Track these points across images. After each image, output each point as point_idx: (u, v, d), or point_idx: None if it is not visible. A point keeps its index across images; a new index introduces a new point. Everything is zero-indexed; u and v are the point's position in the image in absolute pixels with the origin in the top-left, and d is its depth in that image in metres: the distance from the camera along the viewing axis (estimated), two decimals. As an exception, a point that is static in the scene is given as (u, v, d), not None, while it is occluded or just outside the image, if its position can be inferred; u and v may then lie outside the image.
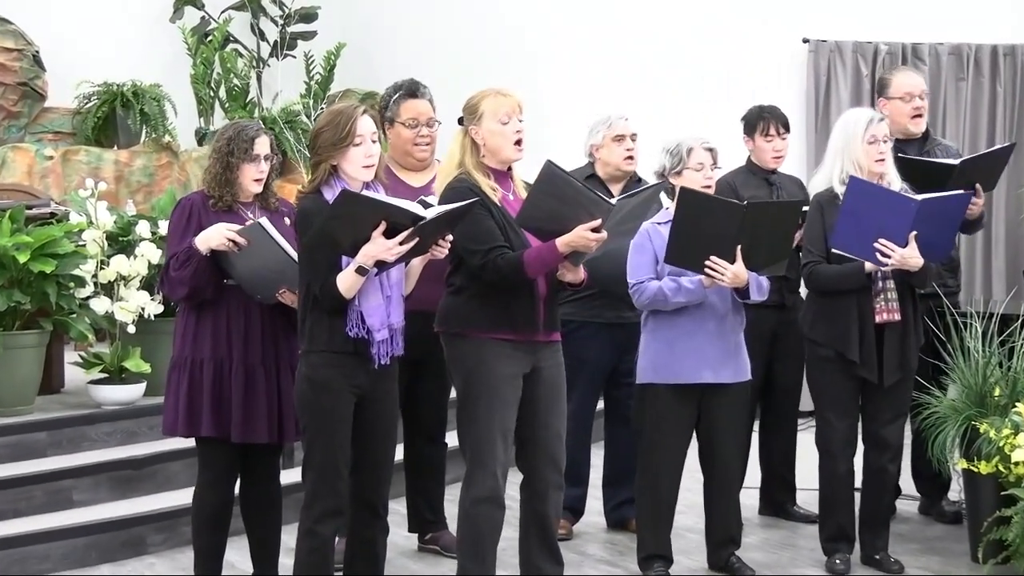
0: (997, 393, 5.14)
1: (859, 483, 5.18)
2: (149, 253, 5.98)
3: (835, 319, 5.02)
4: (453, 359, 4.46)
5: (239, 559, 5.04)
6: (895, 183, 5.05)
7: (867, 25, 8.33)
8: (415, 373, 5.08)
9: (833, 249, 4.98)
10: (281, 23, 9.65)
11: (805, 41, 8.39)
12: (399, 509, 5.41)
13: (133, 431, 5.97)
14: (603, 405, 5.82)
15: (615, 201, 4.34)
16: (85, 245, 6.00)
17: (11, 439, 5.66)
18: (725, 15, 8.46)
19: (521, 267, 4.29)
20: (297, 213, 4.30)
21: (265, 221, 4.44)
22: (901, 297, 5.01)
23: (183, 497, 5.18)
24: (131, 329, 6.00)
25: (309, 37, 9.66)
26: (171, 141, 8.86)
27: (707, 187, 4.93)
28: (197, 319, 4.55)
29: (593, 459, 5.79)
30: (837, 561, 5.13)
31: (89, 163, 8.50)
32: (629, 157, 5.60)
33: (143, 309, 5.97)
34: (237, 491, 4.70)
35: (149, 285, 5.99)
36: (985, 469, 4.96)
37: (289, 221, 4.54)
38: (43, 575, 5.14)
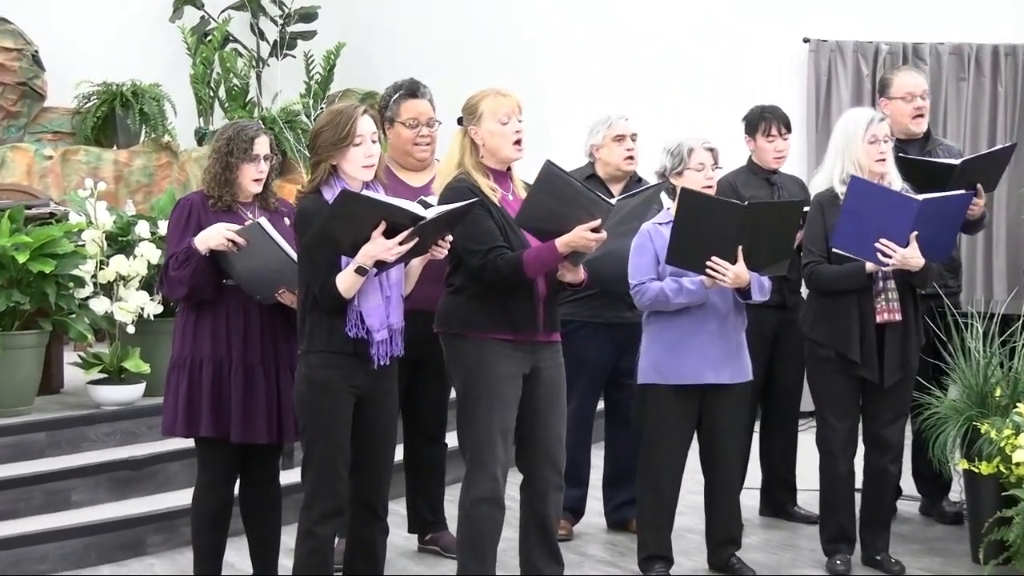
0: (998, 393, 5.13)
1: (860, 484, 5.17)
2: (148, 253, 5.97)
3: (836, 319, 5.01)
4: (453, 359, 4.45)
5: (239, 559, 5.03)
6: (896, 183, 5.04)
7: (868, 25, 8.33)
8: (415, 373, 5.07)
9: (834, 249, 4.98)
10: (281, 23, 9.64)
11: (806, 41, 8.38)
12: (399, 510, 5.40)
13: (132, 431, 5.96)
14: (603, 406, 5.81)
15: (615, 201, 4.33)
16: (84, 245, 5.98)
17: (10, 439, 5.65)
18: (725, 15, 8.46)
19: (521, 267, 4.28)
20: (297, 213, 4.29)
21: (264, 221, 4.44)
22: (902, 297, 5.00)
23: (182, 498, 5.17)
24: (130, 329, 5.99)
25: (309, 37, 9.65)
26: (171, 141, 8.85)
27: (708, 187, 4.92)
28: (196, 319, 4.54)
29: (593, 459, 5.78)
30: (838, 562, 5.12)
31: (88, 163, 8.49)
32: (629, 157, 5.60)
33: (142, 309, 5.96)
34: (237, 491, 4.69)
35: (148, 285, 5.98)
36: (986, 470, 4.96)
37: (289, 221, 4.53)
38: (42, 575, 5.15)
